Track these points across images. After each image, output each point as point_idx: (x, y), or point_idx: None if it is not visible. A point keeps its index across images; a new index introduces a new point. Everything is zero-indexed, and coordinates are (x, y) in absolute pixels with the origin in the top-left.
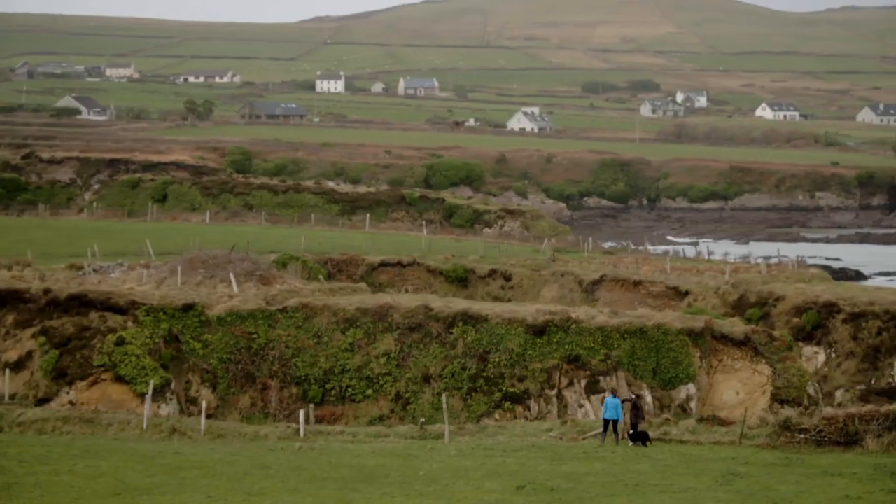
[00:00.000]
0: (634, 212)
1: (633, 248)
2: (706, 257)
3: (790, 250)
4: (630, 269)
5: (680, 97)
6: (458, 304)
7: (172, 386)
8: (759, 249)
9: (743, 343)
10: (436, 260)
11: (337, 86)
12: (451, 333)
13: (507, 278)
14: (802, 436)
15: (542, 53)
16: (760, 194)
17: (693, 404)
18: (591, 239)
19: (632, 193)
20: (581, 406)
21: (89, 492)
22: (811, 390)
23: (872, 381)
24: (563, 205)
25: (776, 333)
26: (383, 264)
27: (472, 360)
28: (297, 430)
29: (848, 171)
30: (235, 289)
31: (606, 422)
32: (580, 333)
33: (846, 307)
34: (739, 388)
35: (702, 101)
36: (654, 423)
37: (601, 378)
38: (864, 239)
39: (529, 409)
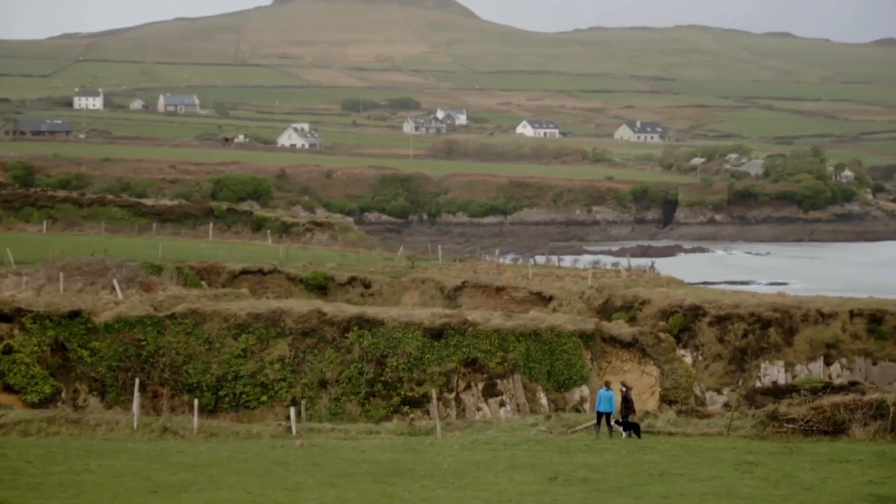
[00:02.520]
0: (416, 226)
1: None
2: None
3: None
4: (491, 275)
5: (441, 114)
6: (351, 308)
7: (63, 395)
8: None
9: (631, 345)
10: (295, 268)
11: (95, 102)
12: (347, 338)
13: (367, 285)
14: (790, 426)
15: (298, 71)
16: (539, 209)
17: (587, 406)
18: (440, 247)
19: (412, 209)
20: (479, 409)
21: (123, 490)
22: (697, 391)
23: (740, 383)
24: (350, 219)
25: (663, 335)
26: (244, 272)
27: (369, 364)
28: (289, 427)
29: (623, 185)
30: (120, 295)
31: (600, 414)
32: (477, 336)
33: (711, 310)
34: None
35: (462, 119)
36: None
37: (498, 381)
38: (645, 252)
39: (429, 413)
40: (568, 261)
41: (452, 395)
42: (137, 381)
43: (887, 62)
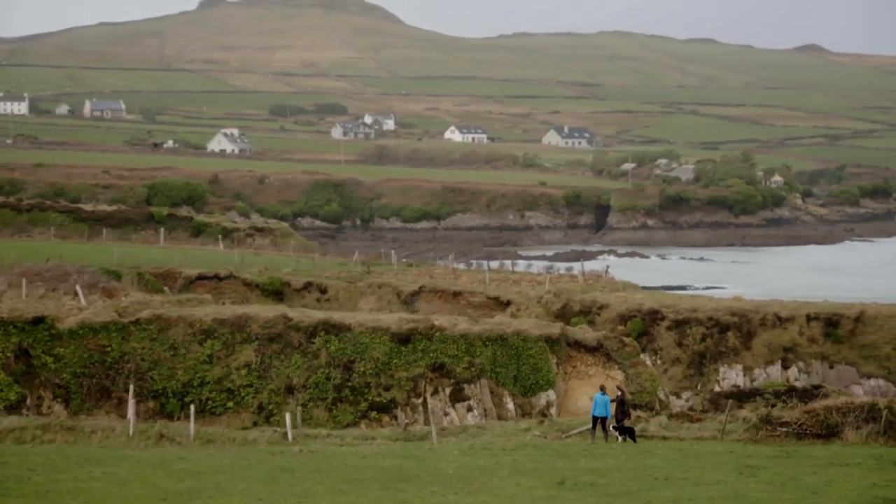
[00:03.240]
0: (349, 232)
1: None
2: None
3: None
4: (447, 280)
5: (369, 119)
6: (317, 314)
7: (28, 402)
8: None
9: (596, 349)
10: (251, 273)
11: (20, 107)
12: (313, 343)
13: (323, 290)
14: (784, 429)
15: (224, 76)
16: (472, 214)
17: (553, 411)
18: (392, 252)
19: (346, 214)
20: (447, 414)
21: (132, 498)
22: (661, 395)
23: (699, 387)
24: (286, 224)
25: (627, 340)
26: (200, 277)
27: (336, 369)
28: (285, 433)
29: (555, 191)
30: (83, 301)
31: (595, 419)
32: (444, 341)
33: (670, 314)
34: (594, 394)
35: (390, 124)
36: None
37: (465, 386)
38: (579, 256)
39: (396, 419)
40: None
41: (420, 401)
42: (132, 387)
43: (809, 68)
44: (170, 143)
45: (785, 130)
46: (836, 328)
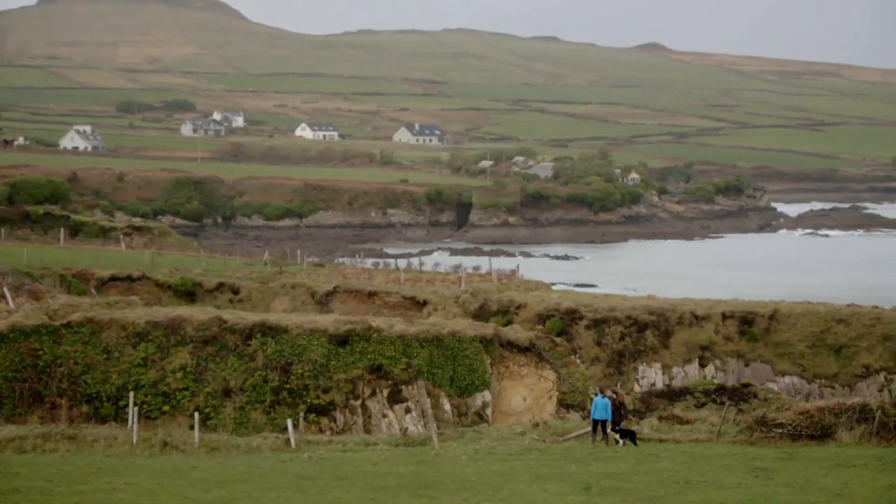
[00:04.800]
0: (211, 230)
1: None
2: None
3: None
4: (362, 280)
5: (218, 116)
6: (251, 315)
7: None
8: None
9: (528, 349)
10: (163, 274)
11: None
12: (250, 345)
13: (236, 291)
14: (779, 430)
15: (68, 73)
16: (334, 212)
17: (489, 411)
18: (299, 251)
19: (207, 212)
20: (385, 416)
21: None
22: (592, 394)
23: (618, 385)
24: (164, 223)
25: (558, 339)
26: (113, 279)
27: (273, 372)
28: (287, 440)
29: (417, 188)
30: (11, 304)
31: (595, 422)
32: (382, 342)
33: (588, 314)
34: (527, 394)
35: (239, 121)
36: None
37: (403, 387)
38: (456, 254)
39: (335, 421)
40: (369, 263)
41: (358, 403)
42: (132, 394)
43: (652, 66)
44: (21, 140)
45: (632, 128)
46: (750, 326)
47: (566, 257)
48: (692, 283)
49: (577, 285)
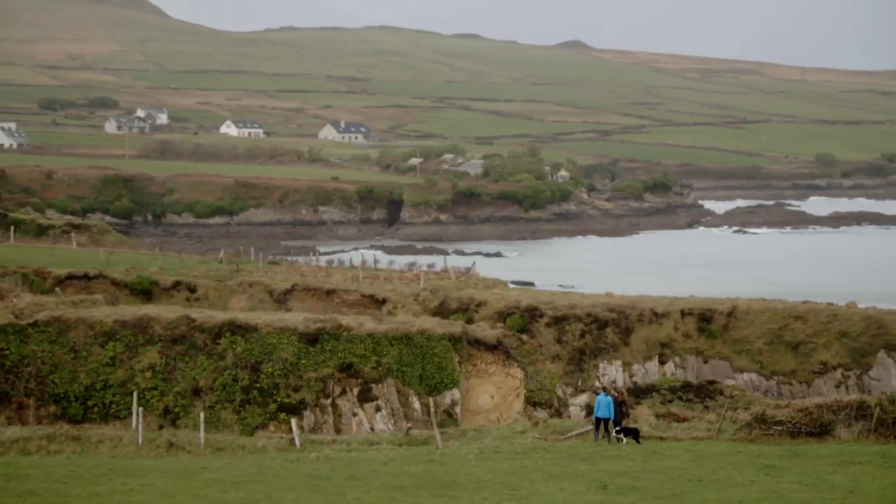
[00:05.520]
0: (141, 227)
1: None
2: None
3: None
4: (320, 277)
5: (142, 113)
6: (220, 314)
7: None
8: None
9: (495, 347)
10: (119, 272)
11: None
12: (219, 344)
13: (192, 290)
14: (778, 428)
15: None
16: (265, 209)
17: (458, 409)
18: (252, 249)
19: (137, 209)
20: (355, 415)
21: None
22: (560, 392)
23: (579, 383)
24: (102, 221)
25: (524, 337)
26: (70, 277)
27: (243, 371)
28: (292, 440)
29: (348, 186)
30: None
31: (598, 420)
32: (352, 341)
33: (549, 311)
34: (494, 392)
35: (163, 118)
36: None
37: (373, 386)
38: (390, 252)
39: (305, 420)
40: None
41: (329, 401)
42: (136, 394)
43: (574, 64)
44: None
45: (556, 126)
46: (709, 323)
47: (498, 255)
48: (635, 279)
49: (514, 282)
